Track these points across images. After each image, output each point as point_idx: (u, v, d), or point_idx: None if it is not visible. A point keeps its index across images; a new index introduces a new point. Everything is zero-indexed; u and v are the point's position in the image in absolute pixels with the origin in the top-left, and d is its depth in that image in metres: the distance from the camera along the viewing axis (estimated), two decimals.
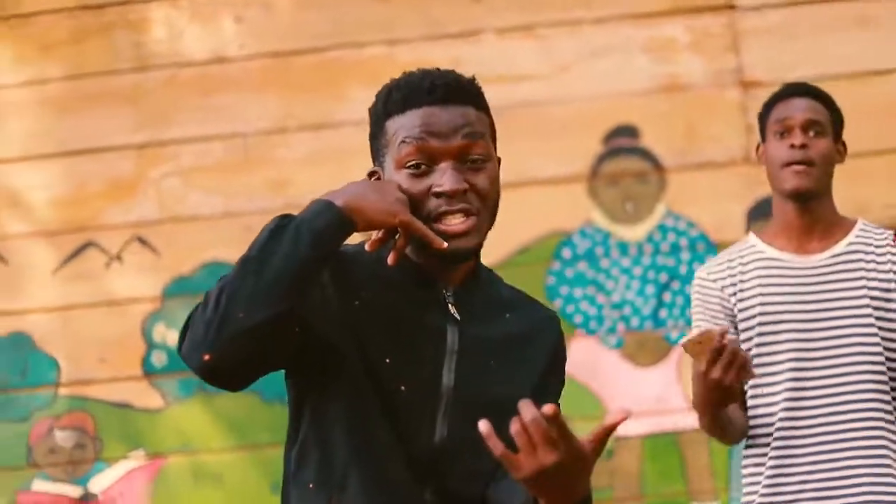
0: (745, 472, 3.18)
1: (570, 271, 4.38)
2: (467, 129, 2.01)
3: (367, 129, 2.11)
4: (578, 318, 4.37)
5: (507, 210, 1.93)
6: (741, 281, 3.14)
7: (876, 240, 3.13)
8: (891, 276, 3.09)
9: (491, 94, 2.86)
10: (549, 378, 2.12)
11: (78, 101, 4.56)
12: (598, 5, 4.42)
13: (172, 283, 4.47)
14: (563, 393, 2.20)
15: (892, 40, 4.35)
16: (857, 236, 3.13)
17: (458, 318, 2.05)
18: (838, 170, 3.19)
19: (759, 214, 4.22)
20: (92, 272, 4.51)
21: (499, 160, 2.09)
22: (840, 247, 3.12)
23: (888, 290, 3.09)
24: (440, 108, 2.01)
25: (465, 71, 2.12)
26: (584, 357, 4.33)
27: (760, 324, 3.11)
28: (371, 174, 2.09)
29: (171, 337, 4.44)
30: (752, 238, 3.21)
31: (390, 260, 1.97)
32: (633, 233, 4.40)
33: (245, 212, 4.45)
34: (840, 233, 3.13)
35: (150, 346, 4.46)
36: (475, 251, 2.04)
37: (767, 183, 3.19)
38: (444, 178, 1.98)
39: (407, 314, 2.03)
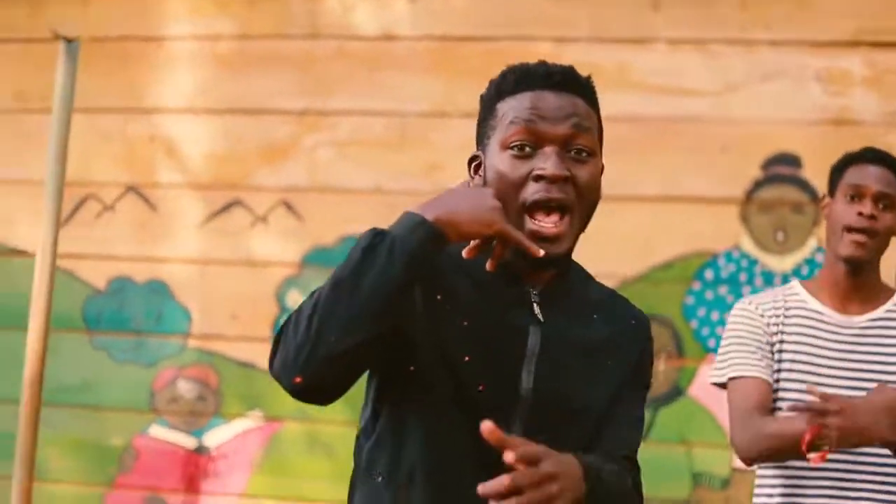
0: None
1: (710, 293, 4.30)
2: (576, 118, 1.98)
3: None
4: (712, 342, 4.28)
5: (654, 223, 1.91)
6: (784, 324, 3.17)
7: None
8: None
9: (653, 104, 2.85)
10: (627, 387, 2.08)
11: (245, 60, 4.61)
12: (777, 28, 4.32)
13: (312, 252, 4.50)
14: (686, 417, 2.16)
15: None
16: (895, 303, 3.19)
17: (542, 319, 2.01)
18: None
19: None
20: (236, 230, 4.56)
21: (602, 167, 2.04)
22: (879, 312, 3.17)
23: None
24: (552, 94, 1.99)
25: (632, 78, 2.09)
26: None
27: (790, 370, 3.12)
28: (472, 160, 2.08)
29: None
30: (797, 286, 3.24)
31: (488, 266, 1.92)
32: (781, 263, 4.30)
33: (393, 190, 4.46)
34: (881, 299, 3.19)
35: (283, 309, 4.50)
36: (566, 257, 2.00)
37: None
38: (547, 161, 1.95)
39: (490, 311, 1.98)
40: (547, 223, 1.95)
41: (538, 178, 1.95)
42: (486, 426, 1.70)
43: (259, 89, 4.58)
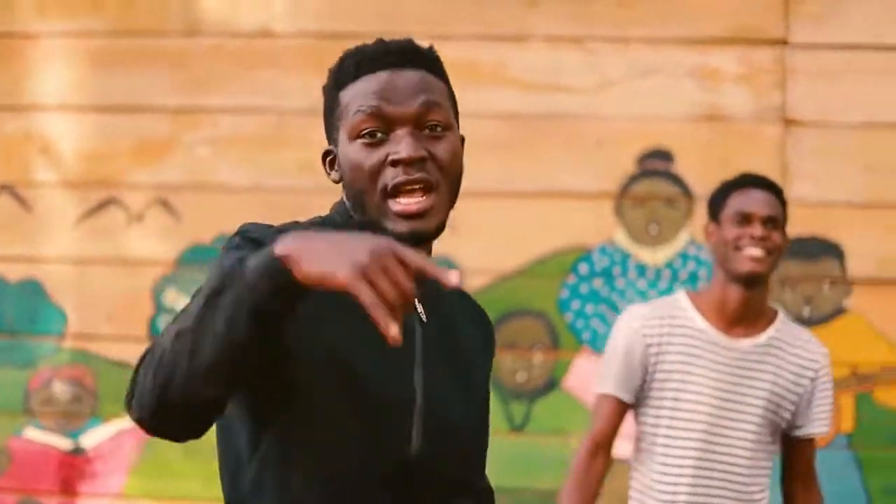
0: None
1: (584, 287, 4.35)
2: (424, 94, 1.87)
3: None
4: (587, 335, 4.34)
5: (529, 219, 1.92)
6: (668, 343, 3.30)
7: (790, 337, 3.34)
8: (794, 377, 3.31)
9: (531, 101, 2.88)
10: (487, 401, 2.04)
11: (121, 57, 4.55)
12: (652, 26, 4.38)
13: (189, 250, 4.46)
14: (561, 409, 2.20)
15: None
16: (777, 330, 3.34)
17: (425, 318, 1.90)
18: (868, 221, 3.25)
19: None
20: (111, 229, 4.51)
21: (462, 139, 1.95)
22: (762, 338, 3.32)
23: (789, 391, 3.31)
24: (395, 73, 1.87)
25: (510, 75, 2.08)
26: (588, 375, 4.30)
27: (676, 389, 3.30)
28: (325, 155, 1.98)
29: (182, 303, 4.42)
30: (684, 300, 3.37)
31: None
32: (654, 257, 4.37)
33: (271, 188, 4.44)
34: (763, 322, 3.34)
35: (159, 309, 4.46)
36: (436, 234, 1.89)
37: (794, 223, 3.26)
38: (400, 144, 1.84)
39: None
40: (411, 200, 1.84)
41: (395, 163, 1.84)
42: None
43: (135, 87, 4.53)
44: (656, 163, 4.37)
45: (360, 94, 1.88)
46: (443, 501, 1.87)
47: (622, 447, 3.53)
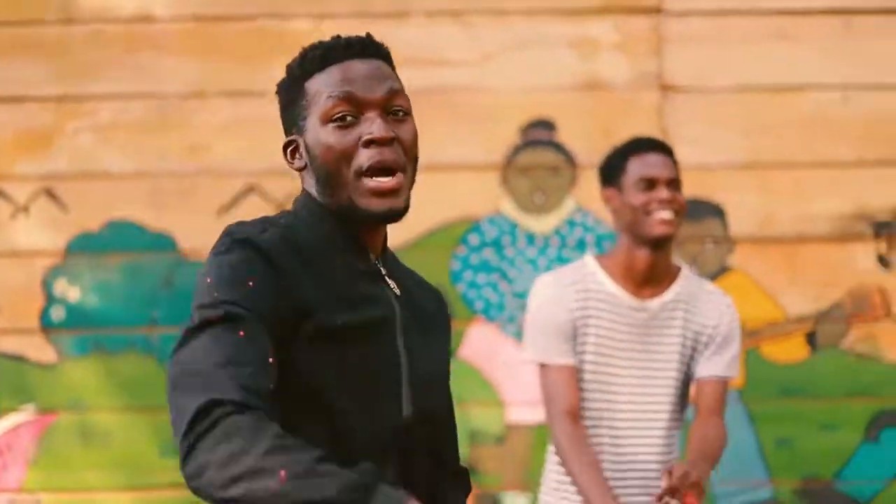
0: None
1: (475, 258, 4.41)
2: (389, 80, 2.03)
3: None
4: (480, 304, 4.39)
5: (418, 193, 1.94)
6: (584, 307, 3.33)
7: (694, 291, 3.38)
8: (698, 327, 3.35)
9: (414, 77, 2.90)
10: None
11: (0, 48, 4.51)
12: None
13: (77, 239, 4.43)
14: (457, 378, 2.25)
15: (808, 58, 4.43)
16: (682, 286, 3.38)
17: (398, 292, 2.07)
18: (747, 181, 3.30)
19: None
20: None
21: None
22: (668, 295, 3.36)
23: (696, 341, 3.35)
24: (360, 62, 2.02)
25: (392, 52, 2.13)
26: (482, 343, 4.36)
27: (594, 353, 3.32)
28: (287, 145, 2.08)
29: (72, 292, 4.40)
30: (594, 265, 3.39)
31: None
32: (541, 225, 4.43)
33: (157, 173, 4.43)
34: (668, 280, 3.37)
35: (50, 299, 4.42)
36: (403, 213, 2.02)
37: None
38: (373, 126, 1.98)
39: (357, 285, 2.01)
40: (384, 179, 1.97)
41: (368, 144, 1.98)
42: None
43: (14, 77, 4.49)
44: (539, 132, 4.43)
45: (329, 83, 2.01)
46: (427, 475, 2.06)
47: (523, 413, 3.56)
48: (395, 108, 2.02)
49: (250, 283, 1.87)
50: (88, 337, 4.39)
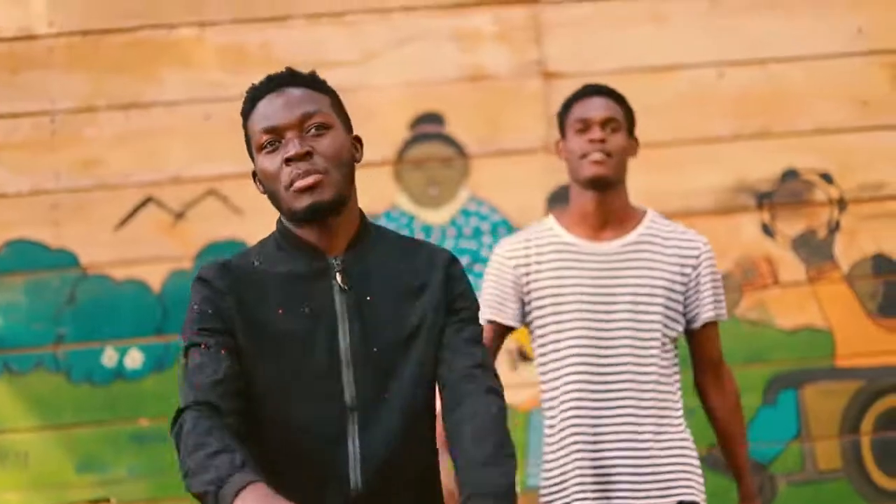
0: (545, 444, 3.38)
1: None
2: (303, 104, 2.33)
3: (176, 111, 2.24)
4: None
5: None
6: (537, 262, 3.33)
7: (665, 232, 3.35)
8: (675, 267, 3.32)
9: None
10: (444, 317, 2.38)
11: None
12: None
13: None
14: None
15: (682, 38, 4.54)
16: (648, 227, 3.35)
17: (344, 286, 2.33)
18: (632, 161, 3.38)
19: (557, 201, 4.37)
20: None
21: (358, 138, 2.44)
22: (631, 236, 3.33)
23: (672, 281, 3.31)
24: (279, 94, 2.34)
25: (274, 55, 2.27)
26: None
27: (553, 304, 3.31)
28: (254, 175, 2.40)
29: None
30: (551, 220, 3.40)
31: None
32: (438, 216, 4.50)
33: (52, 190, 4.43)
34: (631, 223, 3.35)
35: None
36: (333, 205, 2.31)
37: (566, 171, 3.36)
38: (288, 146, 2.30)
39: (300, 290, 2.33)
40: (303, 181, 2.29)
41: (287, 161, 2.30)
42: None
43: None
44: (428, 126, 4.50)
45: (257, 118, 2.35)
46: (385, 441, 2.33)
47: None
48: (312, 125, 2.32)
49: (194, 307, 2.31)
50: None
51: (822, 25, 4.57)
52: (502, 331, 3.37)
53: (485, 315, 3.32)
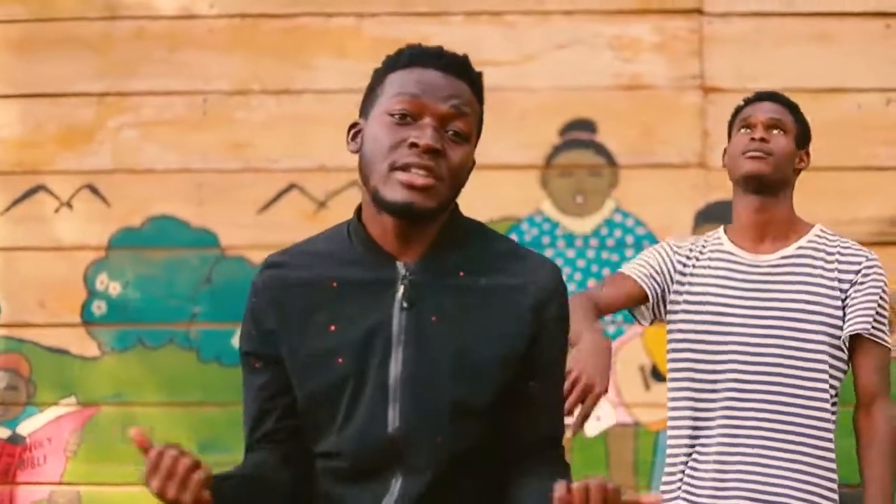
0: (670, 453, 3.21)
1: None
2: (458, 100, 2.06)
3: (328, 98, 2.17)
4: None
5: (463, 192, 1.98)
6: (696, 266, 3.19)
7: (829, 246, 3.16)
8: (835, 283, 3.10)
9: None
10: (534, 345, 2.06)
11: (43, 44, 4.54)
12: None
13: (119, 234, 4.46)
14: None
15: (850, 60, 4.40)
16: (810, 241, 3.16)
17: (407, 304, 2.05)
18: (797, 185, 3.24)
19: (706, 219, 4.27)
20: (40, 216, 4.50)
21: (474, 162, 2.13)
22: (790, 249, 3.15)
23: (832, 297, 3.08)
24: (440, 73, 2.06)
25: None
26: None
27: (709, 312, 3.14)
28: (352, 127, 2.14)
29: (113, 287, 4.44)
30: (720, 231, 3.27)
31: None
32: (581, 225, 4.43)
33: (199, 170, 4.46)
34: (795, 235, 3.18)
35: (92, 294, 4.46)
36: (430, 214, 2.03)
37: (717, 188, 3.27)
38: (424, 131, 2.02)
39: (355, 306, 2.05)
40: (417, 175, 2.00)
41: (412, 146, 2.01)
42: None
43: (58, 73, 4.52)
44: (579, 133, 4.43)
45: (404, 80, 2.06)
46: (435, 470, 2.05)
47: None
48: (454, 127, 2.05)
49: (245, 319, 2.17)
50: (129, 331, 4.42)
51: None
52: (637, 294, 3.18)
53: (626, 269, 3.22)
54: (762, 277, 3.14)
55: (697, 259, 3.21)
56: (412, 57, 2.08)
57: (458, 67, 2.09)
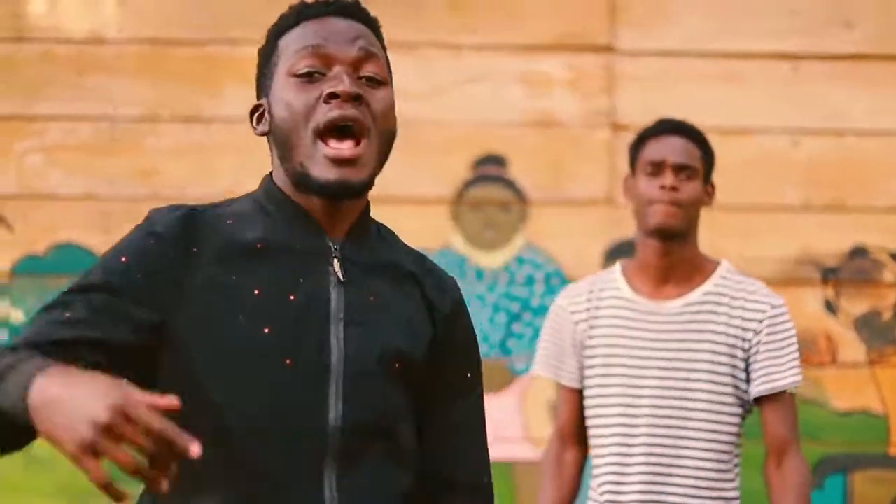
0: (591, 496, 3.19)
1: None
2: (364, 41, 1.86)
3: (236, 127, 2.08)
4: None
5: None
6: (594, 317, 3.13)
7: (734, 291, 3.10)
8: (738, 331, 3.07)
9: None
10: (446, 352, 1.92)
11: None
12: (482, 33, 4.45)
13: (23, 261, 4.39)
14: None
15: (758, 101, 4.46)
16: (716, 285, 3.11)
17: (342, 278, 1.84)
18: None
19: (616, 255, 4.28)
20: None
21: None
22: (695, 295, 3.10)
23: (734, 347, 3.06)
24: (336, 18, 1.87)
25: None
26: None
27: (602, 365, 3.12)
28: (253, 111, 1.92)
29: (15, 315, 4.36)
30: (617, 271, 3.18)
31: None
32: (491, 260, 4.43)
33: (106, 196, 4.40)
34: (699, 278, 3.11)
35: None
36: (363, 189, 1.85)
37: (627, 225, 3.25)
38: (339, 80, 1.80)
39: (285, 274, 1.82)
40: (342, 145, 1.80)
41: (330, 98, 1.80)
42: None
43: None
44: (490, 168, 4.44)
45: (300, 36, 1.85)
46: (381, 470, 1.83)
47: None
48: (368, 73, 1.84)
49: (122, 260, 1.82)
50: None
51: None
52: (573, 396, 3.16)
53: (538, 371, 3.19)
54: (663, 327, 3.08)
55: (598, 309, 3.13)
56: (300, 13, 1.88)
57: (353, 9, 1.89)
